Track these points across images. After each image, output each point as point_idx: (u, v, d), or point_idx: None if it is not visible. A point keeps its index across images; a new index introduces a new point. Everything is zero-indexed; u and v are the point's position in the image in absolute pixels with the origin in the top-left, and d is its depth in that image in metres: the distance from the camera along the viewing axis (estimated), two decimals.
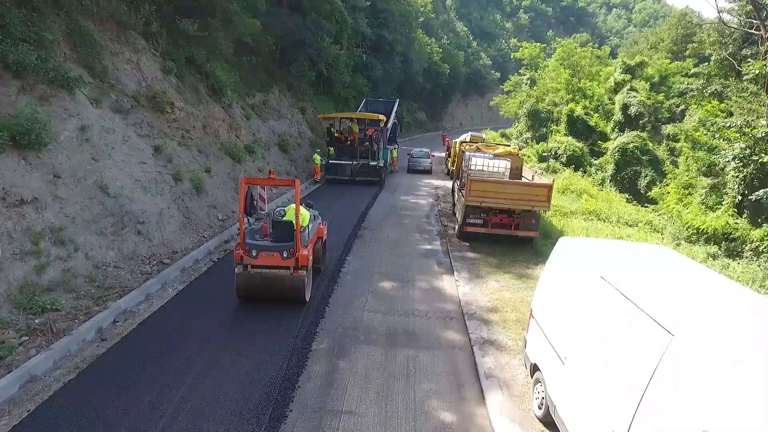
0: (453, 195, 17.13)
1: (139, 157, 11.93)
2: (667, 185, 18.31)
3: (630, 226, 15.12)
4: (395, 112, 29.72)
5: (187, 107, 15.12)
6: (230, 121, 18.12)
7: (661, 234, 14.38)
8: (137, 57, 13.53)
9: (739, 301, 3.84)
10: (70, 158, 9.77)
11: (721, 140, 14.40)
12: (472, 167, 13.40)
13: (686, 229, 13.13)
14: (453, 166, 24.47)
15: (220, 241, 12.35)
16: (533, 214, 12.22)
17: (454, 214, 15.94)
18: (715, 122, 14.55)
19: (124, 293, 8.65)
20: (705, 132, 15.57)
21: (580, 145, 32.33)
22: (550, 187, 11.89)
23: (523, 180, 14.13)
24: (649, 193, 19.04)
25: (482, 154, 14.26)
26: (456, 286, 9.85)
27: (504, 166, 13.45)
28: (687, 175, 16.91)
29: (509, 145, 16.11)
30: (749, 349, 3.09)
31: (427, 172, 27.33)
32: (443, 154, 35.02)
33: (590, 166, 30.55)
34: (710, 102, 20.06)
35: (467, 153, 14.42)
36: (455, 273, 10.61)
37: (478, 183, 11.98)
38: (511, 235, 12.40)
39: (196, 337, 7.28)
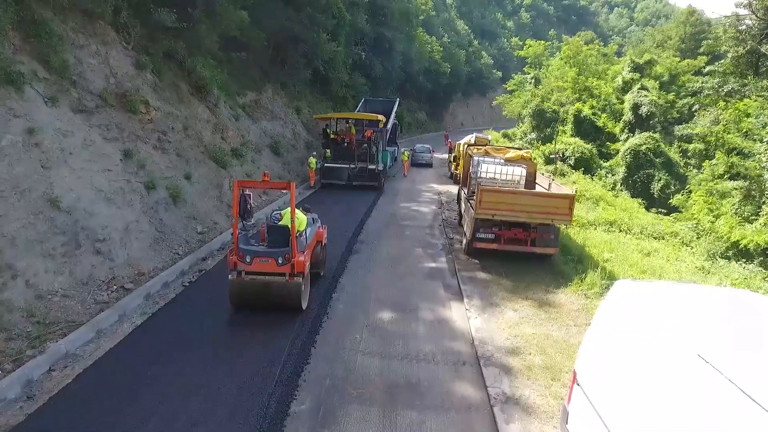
0: (459, 203, 15.65)
1: (103, 163, 10.45)
2: (690, 191, 16.83)
3: (655, 238, 13.66)
4: (395, 113, 28.24)
5: (164, 107, 13.65)
6: (216, 122, 16.64)
7: (692, 248, 12.93)
8: (105, 50, 12.05)
9: None
10: (12, 166, 8.29)
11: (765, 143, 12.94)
12: (482, 175, 11.94)
13: (723, 244, 11.69)
14: (457, 170, 23.01)
15: (196, 258, 10.88)
16: (552, 228, 10.76)
17: (460, 224, 14.48)
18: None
19: (69, 330, 7.19)
20: (736, 134, 14.12)
21: (589, 146, 30.87)
22: (572, 199, 10.43)
23: (539, 189, 12.67)
24: (670, 201, 17.56)
25: (492, 159, 12.79)
26: (467, 317, 8.38)
27: (519, 173, 11.97)
28: (714, 182, 15.44)
29: (521, 149, 14.66)
30: None
31: (429, 165, 30.49)
32: (445, 156, 33.60)
33: (600, 169, 29.11)
34: (737, 101, 18.53)
35: (475, 158, 12.96)
36: (465, 299, 9.14)
37: (490, 193, 10.51)
38: (526, 252, 10.94)
39: (146, 395, 5.81)
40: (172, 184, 12.40)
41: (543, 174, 12.73)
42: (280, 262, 7.60)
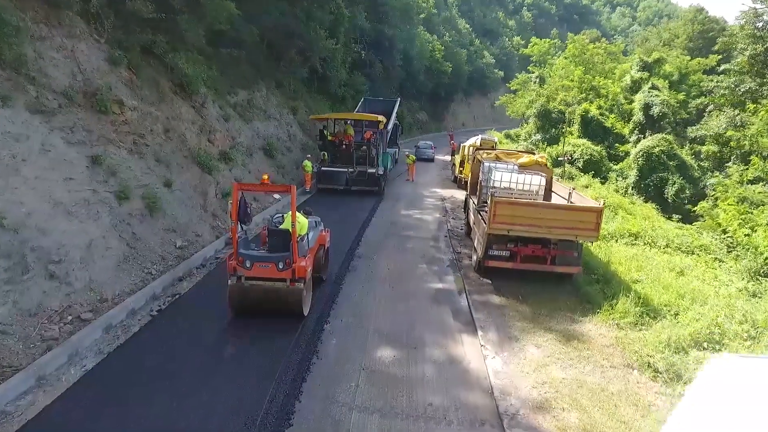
0: (466, 212, 14.38)
1: (64, 171, 9.17)
2: (716, 198, 15.56)
3: (683, 252, 12.38)
4: (396, 113, 26.95)
5: (142, 107, 12.35)
6: (202, 123, 15.35)
7: (725, 263, 11.66)
8: (73, 43, 10.75)
9: None
10: None
11: None
12: (496, 184, 10.65)
13: (764, 261, 10.43)
14: (462, 174, 21.74)
15: (172, 279, 9.60)
16: (575, 245, 9.48)
17: (468, 235, 13.21)
18: None
19: (2, 378, 5.92)
20: None
21: (598, 148, 29.63)
22: (599, 212, 9.14)
23: (556, 198, 11.41)
24: (694, 209, 16.28)
25: (505, 166, 11.51)
26: (482, 356, 7.10)
27: (537, 183, 10.70)
28: (743, 188, 14.17)
29: (533, 153, 13.37)
30: None
31: (431, 160, 33.18)
32: (447, 157, 32.41)
33: (610, 172, 27.86)
34: None
35: (486, 163, 11.67)
36: (479, 331, 7.86)
37: (505, 206, 9.21)
38: (546, 271, 9.67)
39: None
40: (149, 193, 11.12)
41: (572, 187, 11.40)
42: (280, 267, 7.42)
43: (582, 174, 27.09)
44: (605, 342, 7.62)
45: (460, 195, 19.90)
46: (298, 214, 7.85)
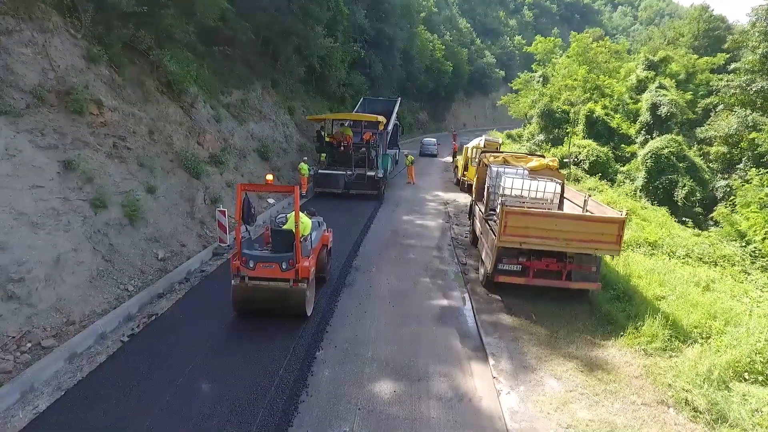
0: (471, 219, 13.50)
1: (31, 178, 8.32)
2: (734, 204, 14.69)
3: (705, 263, 11.52)
4: (396, 113, 26.11)
5: (124, 107, 11.50)
6: (190, 125, 14.50)
7: (751, 275, 10.80)
8: (45, 38, 9.89)
9: None
10: None
11: None
12: (506, 191, 9.80)
13: None
14: (466, 177, 20.89)
15: (150, 295, 8.73)
16: (593, 258, 8.62)
17: (474, 244, 12.35)
18: None
19: None
20: None
21: (605, 149, 28.76)
22: (622, 224, 8.27)
23: (568, 206, 10.54)
24: (710, 214, 15.42)
25: (514, 170, 10.65)
26: (496, 390, 6.23)
27: (551, 190, 9.83)
28: (765, 193, 13.32)
29: (543, 156, 12.49)
30: None
31: (434, 155, 34.98)
32: (449, 159, 31.64)
33: (617, 174, 26.98)
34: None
35: (494, 168, 10.81)
36: (490, 359, 6.99)
37: (518, 217, 8.35)
38: (562, 287, 8.81)
39: None
40: (129, 200, 10.28)
41: (588, 194, 10.52)
42: (284, 267, 7.45)
43: (588, 176, 26.25)
44: (633, 372, 6.76)
45: (464, 199, 19.08)
46: (301, 214, 7.84)
